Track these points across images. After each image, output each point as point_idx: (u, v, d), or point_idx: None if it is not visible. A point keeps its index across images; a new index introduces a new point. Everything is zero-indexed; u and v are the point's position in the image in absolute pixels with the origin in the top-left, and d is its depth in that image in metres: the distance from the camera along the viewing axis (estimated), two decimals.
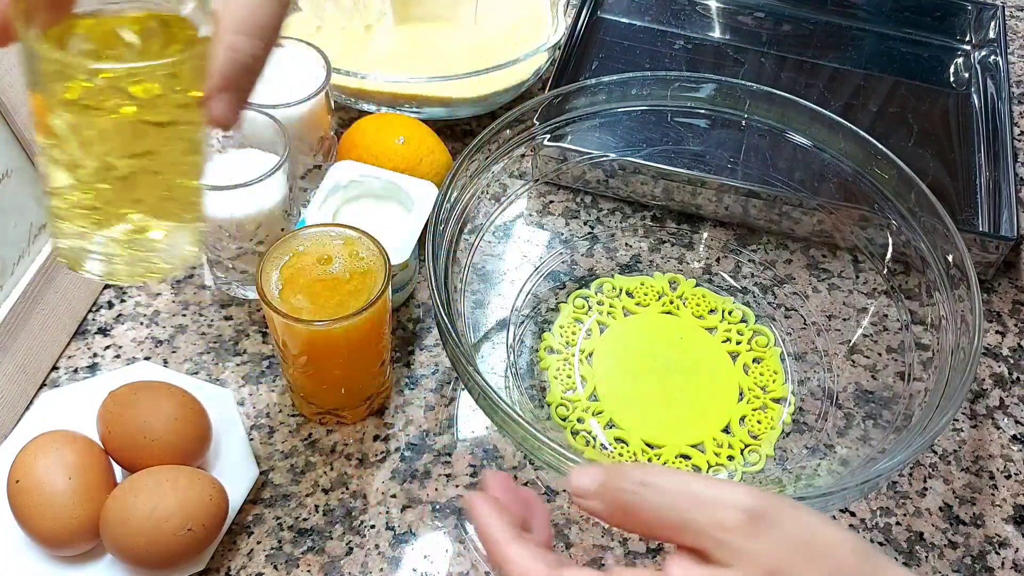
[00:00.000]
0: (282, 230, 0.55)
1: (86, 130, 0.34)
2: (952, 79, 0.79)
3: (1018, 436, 0.56)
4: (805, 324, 0.60)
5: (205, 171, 0.39)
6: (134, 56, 0.35)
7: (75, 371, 0.55)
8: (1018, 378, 0.59)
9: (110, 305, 0.59)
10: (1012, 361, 0.60)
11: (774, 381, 0.57)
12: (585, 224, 0.66)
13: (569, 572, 0.30)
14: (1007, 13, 0.87)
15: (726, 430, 0.55)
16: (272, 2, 0.33)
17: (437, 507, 0.51)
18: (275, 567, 0.48)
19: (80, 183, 0.36)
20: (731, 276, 0.63)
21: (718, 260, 0.64)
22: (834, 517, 0.52)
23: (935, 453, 0.55)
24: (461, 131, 0.72)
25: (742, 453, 0.54)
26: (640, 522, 0.30)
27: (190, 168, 0.38)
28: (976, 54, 0.81)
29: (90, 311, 0.58)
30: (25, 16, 0.32)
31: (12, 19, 0.32)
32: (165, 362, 0.56)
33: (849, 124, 0.57)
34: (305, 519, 0.50)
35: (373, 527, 0.50)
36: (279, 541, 0.49)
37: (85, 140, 0.34)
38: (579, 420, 0.55)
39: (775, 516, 0.29)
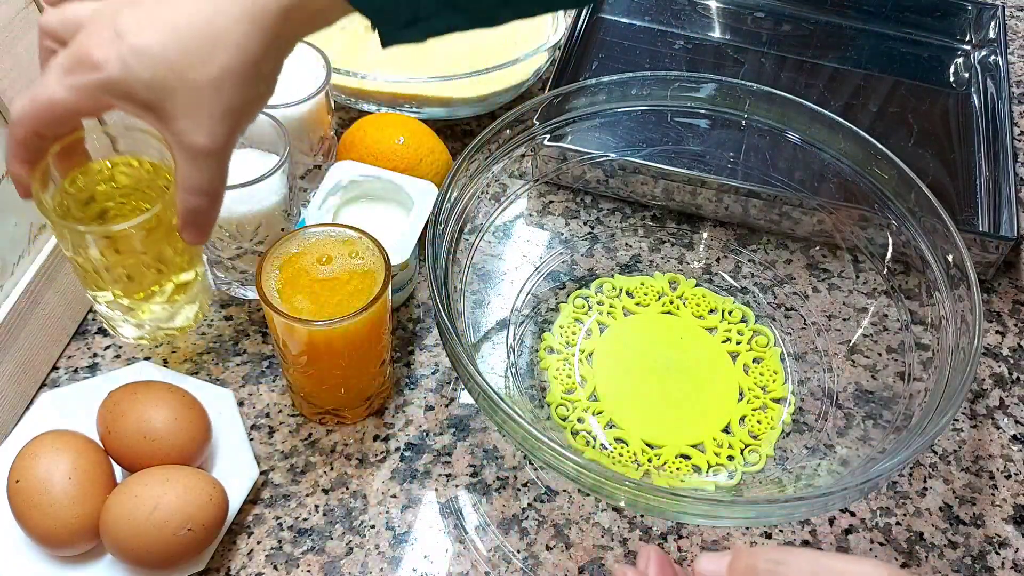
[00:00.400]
0: (282, 230, 0.55)
1: (94, 260, 0.47)
2: (952, 79, 0.79)
3: (1018, 436, 0.56)
4: (805, 324, 0.60)
5: (200, 259, 0.52)
6: (130, 197, 0.49)
7: (75, 371, 0.55)
8: (1018, 378, 0.59)
9: None
10: (1012, 361, 0.60)
11: (774, 381, 0.57)
12: (585, 224, 0.66)
13: None
14: (1007, 13, 0.87)
15: (726, 430, 0.55)
16: (208, 170, 0.39)
17: (437, 507, 0.51)
18: (275, 567, 0.48)
19: (98, 287, 0.49)
20: (731, 276, 0.63)
21: (718, 260, 0.64)
22: (834, 517, 0.52)
23: (935, 453, 0.55)
24: (461, 131, 0.72)
25: (742, 453, 0.54)
26: None
27: (186, 262, 0.50)
28: (976, 54, 0.81)
29: (90, 311, 0.58)
30: (41, 179, 0.44)
31: (29, 182, 0.43)
32: (165, 362, 0.56)
33: (849, 124, 0.57)
34: (305, 519, 0.50)
35: (373, 527, 0.50)
36: (279, 541, 0.49)
37: (96, 266, 0.48)
38: (579, 420, 0.55)
39: None
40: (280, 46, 0.38)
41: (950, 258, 0.52)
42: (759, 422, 0.55)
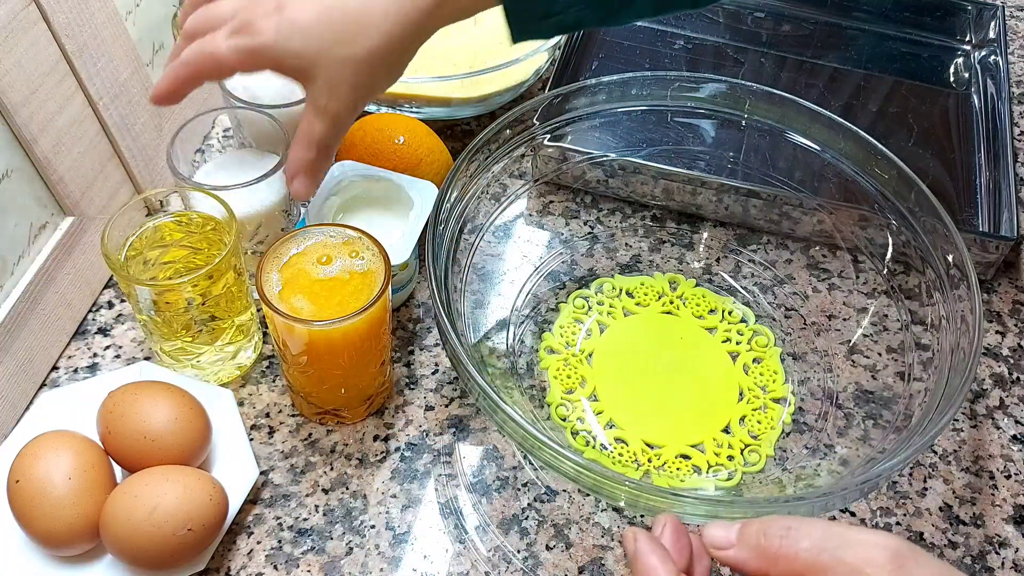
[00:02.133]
0: (282, 230, 0.55)
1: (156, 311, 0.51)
2: (952, 79, 0.79)
3: (1018, 436, 0.56)
4: (805, 324, 0.60)
5: (252, 299, 0.54)
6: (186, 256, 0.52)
7: (75, 371, 0.55)
8: (1018, 378, 0.59)
9: (110, 305, 0.59)
10: (1012, 361, 0.60)
11: (774, 381, 0.57)
12: (585, 224, 0.66)
13: None
14: (1007, 13, 0.87)
15: (726, 430, 0.55)
16: (330, 128, 0.44)
17: (437, 507, 0.51)
18: (275, 567, 0.48)
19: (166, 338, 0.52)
20: (731, 276, 0.63)
21: (718, 260, 0.64)
22: (833, 517, 0.52)
23: (935, 453, 0.55)
24: (461, 131, 0.72)
25: (742, 453, 0.54)
26: (786, 566, 0.31)
27: (243, 305, 0.53)
28: (976, 54, 0.81)
29: (90, 311, 0.58)
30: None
31: (173, 98, 0.46)
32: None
33: (849, 124, 0.57)
34: (305, 519, 0.50)
35: (373, 527, 0.50)
36: (279, 541, 0.49)
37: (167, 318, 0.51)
38: (579, 420, 0.55)
39: (917, 557, 0.30)
40: (420, 36, 0.43)
41: (950, 258, 0.52)
42: (759, 422, 0.55)
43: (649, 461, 0.53)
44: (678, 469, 0.53)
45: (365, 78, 0.43)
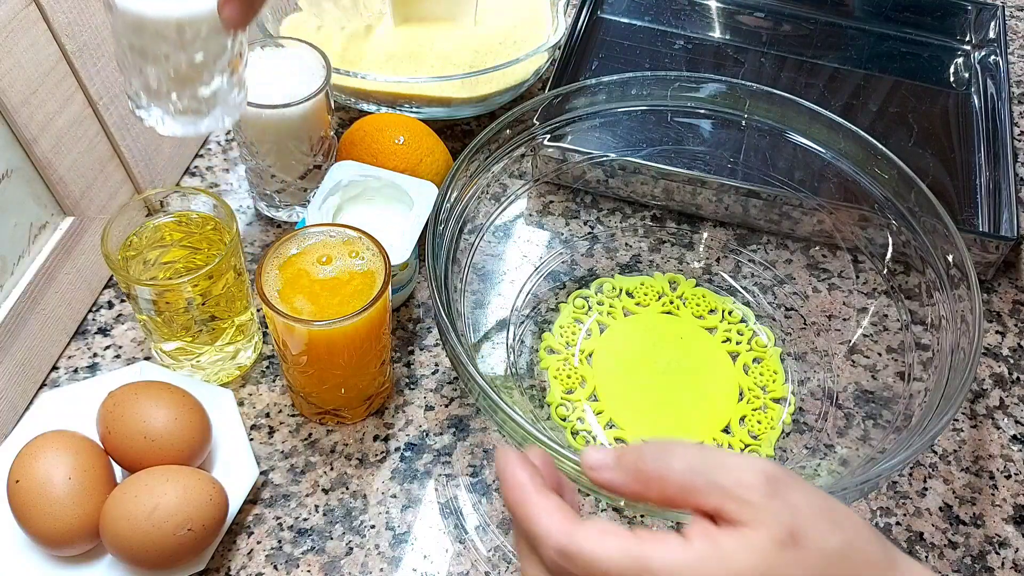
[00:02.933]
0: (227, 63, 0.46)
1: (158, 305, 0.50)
2: (952, 79, 0.79)
3: (1018, 436, 0.56)
4: (805, 324, 0.60)
5: (252, 299, 0.53)
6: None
7: (75, 371, 0.55)
8: (1018, 378, 0.59)
9: (110, 305, 0.59)
10: (1012, 361, 0.60)
11: (774, 381, 0.57)
12: (585, 224, 0.66)
13: (585, 532, 0.30)
14: (1007, 13, 0.87)
15: (726, 430, 0.55)
16: None
17: (437, 507, 0.51)
18: (275, 567, 0.48)
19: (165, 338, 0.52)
20: (731, 276, 0.63)
21: (718, 260, 0.64)
22: None
23: (935, 453, 0.55)
24: (461, 131, 0.72)
25: (742, 453, 0.54)
26: (659, 489, 0.31)
27: (243, 306, 0.53)
28: (976, 54, 0.81)
29: (90, 311, 0.58)
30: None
31: None
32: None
33: (849, 124, 0.57)
34: (305, 519, 0.50)
35: (373, 527, 0.50)
36: (279, 541, 0.49)
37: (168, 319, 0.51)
38: (579, 420, 0.55)
39: (793, 482, 0.30)
40: None
41: (950, 258, 0.52)
42: (759, 422, 0.55)
43: None
44: None
45: None
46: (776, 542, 0.29)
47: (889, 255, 0.57)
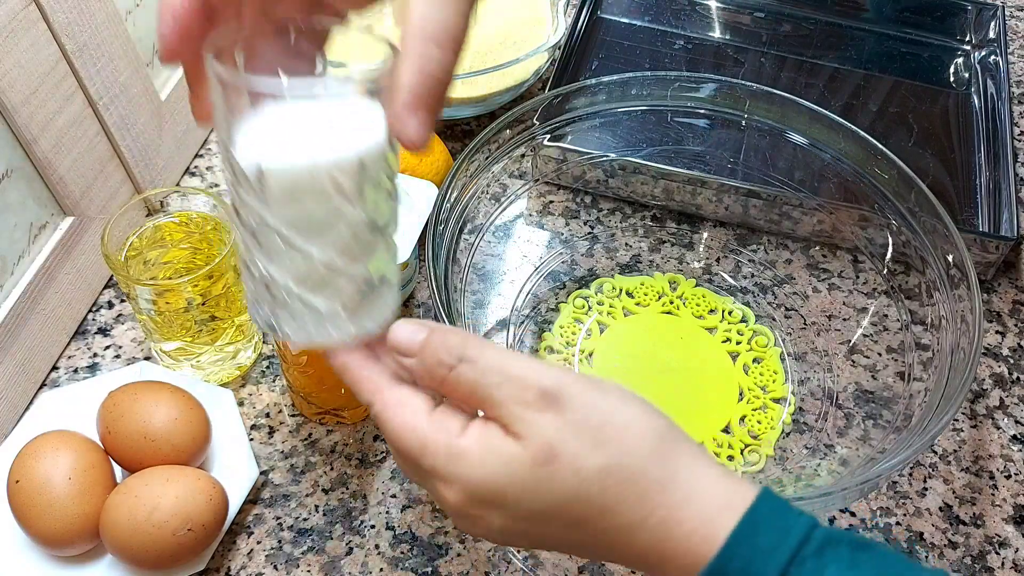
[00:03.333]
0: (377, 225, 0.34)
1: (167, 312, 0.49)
2: (952, 79, 0.79)
3: (1018, 436, 0.56)
4: (805, 324, 0.60)
5: None
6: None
7: (75, 371, 0.55)
8: (1018, 378, 0.59)
9: (110, 305, 0.59)
10: (1012, 361, 0.60)
11: (774, 381, 0.57)
12: (585, 224, 0.66)
13: (384, 398, 0.32)
14: (1007, 13, 0.87)
15: (726, 430, 0.55)
16: (458, 9, 0.30)
17: (437, 507, 0.51)
18: (275, 567, 0.48)
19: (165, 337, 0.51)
20: (731, 276, 0.63)
21: (718, 260, 0.64)
22: (833, 518, 0.52)
23: (935, 453, 0.55)
24: (461, 131, 0.72)
25: (742, 453, 0.54)
26: (452, 390, 0.32)
27: (242, 308, 0.51)
28: (976, 54, 0.81)
29: (90, 311, 0.58)
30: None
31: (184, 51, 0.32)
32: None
33: (849, 124, 0.57)
34: (305, 519, 0.50)
35: (373, 527, 0.50)
36: (279, 541, 0.49)
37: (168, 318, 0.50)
38: None
39: (569, 398, 0.30)
40: None
41: (950, 258, 0.52)
42: (759, 422, 0.55)
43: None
44: None
45: None
46: (532, 458, 0.30)
47: (889, 255, 0.57)
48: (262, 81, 0.30)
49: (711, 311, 0.61)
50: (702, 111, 0.62)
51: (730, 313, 0.61)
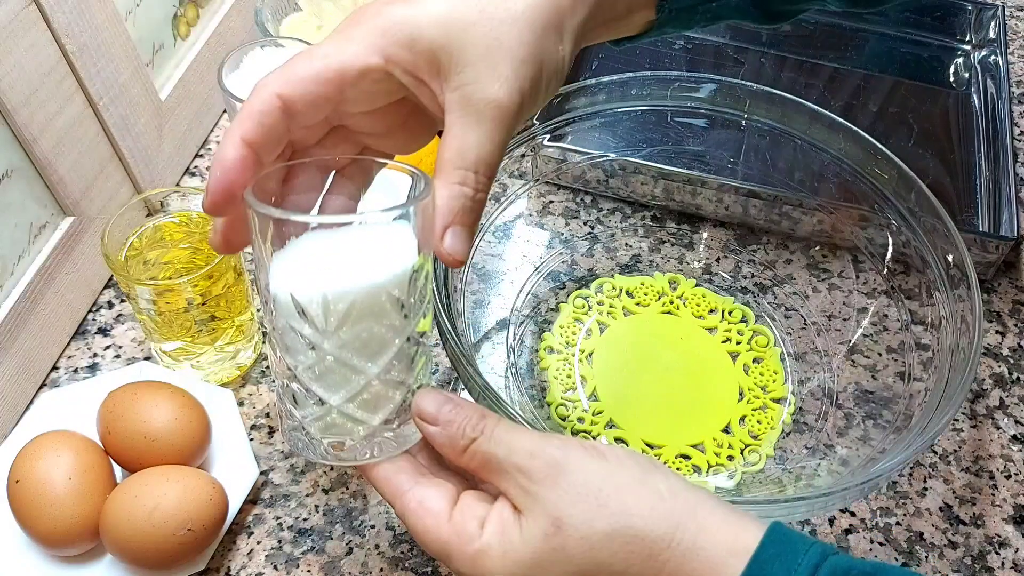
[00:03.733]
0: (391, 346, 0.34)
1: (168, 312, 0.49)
2: (952, 79, 0.79)
3: (1018, 436, 0.56)
4: (805, 324, 0.60)
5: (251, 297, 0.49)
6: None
7: (75, 371, 0.55)
8: (1018, 378, 0.59)
9: (110, 305, 0.59)
10: (1012, 361, 0.60)
11: (774, 381, 0.57)
12: (585, 224, 0.66)
13: (405, 502, 0.33)
14: (1007, 13, 0.87)
15: (726, 430, 0.55)
16: (494, 136, 0.32)
17: None
18: (275, 567, 0.48)
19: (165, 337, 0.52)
20: (731, 276, 0.63)
21: (718, 260, 0.64)
22: (833, 517, 0.52)
23: (935, 453, 0.55)
24: None
25: (742, 453, 0.54)
26: (467, 462, 0.34)
27: (243, 306, 0.52)
28: (976, 54, 0.81)
29: (90, 311, 0.58)
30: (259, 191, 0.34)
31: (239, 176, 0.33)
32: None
33: (849, 124, 0.57)
34: (305, 519, 0.50)
35: (373, 527, 0.50)
36: (279, 541, 0.49)
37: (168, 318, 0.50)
38: (579, 420, 0.55)
39: (570, 465, 0.32)
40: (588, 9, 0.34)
41: (950, 258, 0.52)
42: (759, 422, 0.55)
43: None
44: (678, 469, 0.53)
45: (530, 48, 0.31)
46: (543, 533, 0.31)
47: (889, 255, 0.57)
48: (302, 216, 0.32)
49: (711, 311, 0.61)
50: (702, 111, 0.62)
51: (730, 313, 0.61)
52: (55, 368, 0.55)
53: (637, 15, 0.38)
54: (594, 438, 0.54)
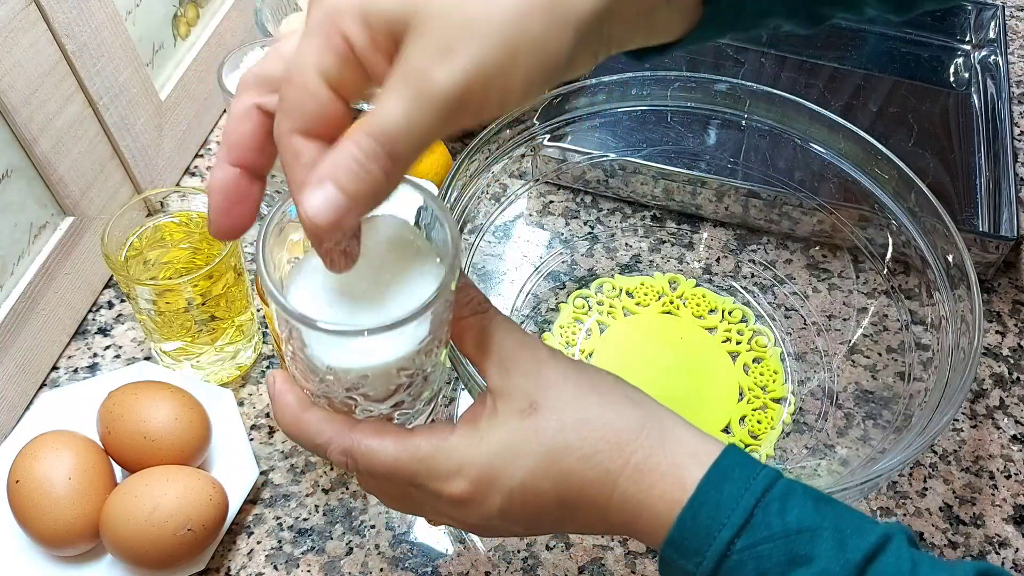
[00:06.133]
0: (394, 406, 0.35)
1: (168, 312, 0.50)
2: (952, 79, 0.79)
3: (1018, 436, 0.56)
4: (805, 324, 0.60)
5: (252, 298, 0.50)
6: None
7: (75, 371, 0.55)
8: (1018, 378, 0.59)
9: (110, 305, 0.59)
10: (1012, 361, 0.60)
11: (774, 381, 0.57)
12: (585, 224, 0.66)
13: (361, 429, 0.33)
14: (1007, 13, 0.87)
15: (726, 430, 0.55)
16: (416, 122, 0.27)
17: None
18: (275, 567, 0.48)
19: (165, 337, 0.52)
20: (731, 276, 0.63)
21: (718, 260, 0.64)
22: None
23: (935, 453, 0.55)
24: (461, 131, 0.72)
25: None
26: (468, 327, 0.35)
27: (243, 306, 0.52)
28: (976, 54, 0.81)
29: (90, 311, 0.58)
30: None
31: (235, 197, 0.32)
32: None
33: (849, 124, 0.57)
34: (305, 519, 0.50)
35: (373, 527, 0.50)
36: (279, 541, 0.49)
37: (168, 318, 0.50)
38: None
39: (552, 360, 0.34)
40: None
41: (950, 258, 0.52)
42: (759, 422, 0.55)
43: None
44: None
45: (502, 41, 0.27)
46: (518, 413, 0.32)
47: (889, 255, 0.57)
48: (328, 324, 0.30)
49: (711, 311, 0.61)
50: (702, 111, 0.62)
51: (730, 313, 0.61)
52: (55, 368, 0.55)
53: (675, 18, 0.33)
54: None
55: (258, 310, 0.56)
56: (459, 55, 0.26)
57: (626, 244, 0.65)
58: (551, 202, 0.67)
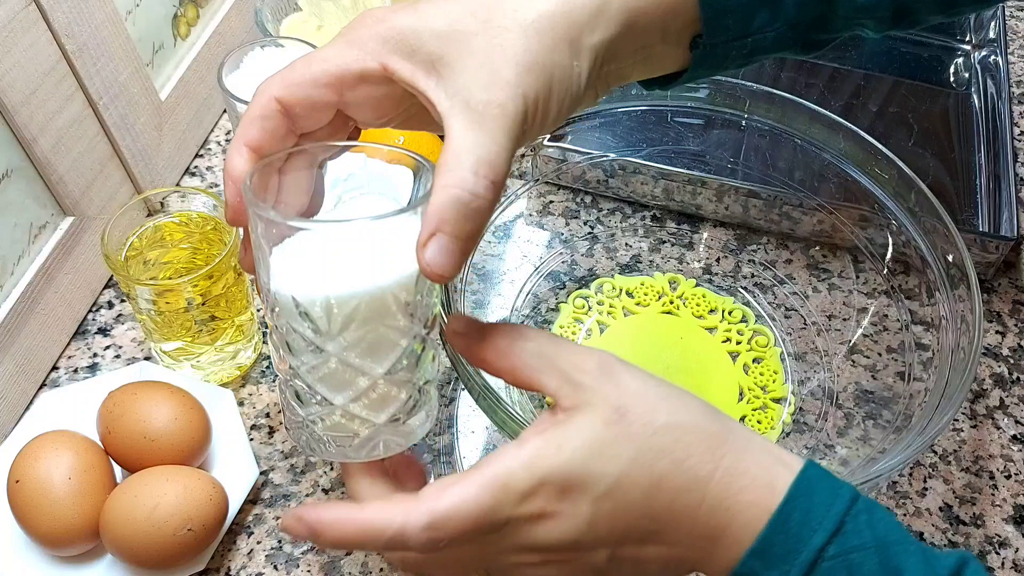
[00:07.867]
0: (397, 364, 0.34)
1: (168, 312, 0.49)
2: (952, 79, 0.79)
3: (1018, 436, 0.56)
4: (805, 324, 0.60)
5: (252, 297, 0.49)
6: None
7: (75, 371, 0.55)
8: (1018, 378, 0.59)
9: (110, 305, 0.59)
10: (1012, 361, 0.60)
11: (774, 381, 0.57)
12: (585, 224, 0.66)
13: (428, 498, 0.30)
14: (1007, 13, 0.87)
15: None
16: (499, 139, 0.30)
17: None
18: (275, 567, 0.48)
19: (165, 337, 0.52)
20: (731, 276, 0.63)
21: (718, 260, 0.64)
22: None
23: (935, 453, 0.55)
24: None
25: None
26: (509, 364, 0.33)
27: (244, 306, 0.52)
28: (976, 54, 0.81)
29: (90, 311, 0.58)
30: (259, 184, 0.34)
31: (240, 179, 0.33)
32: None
33: (849, 124, 0.57)
34: None
35: None
36: (279, 541, 0.49)
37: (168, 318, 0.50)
38: None
39: (626, 368, 0.33)
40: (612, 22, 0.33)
41: (950, 258, 0.52)
42: (759, 422, 0.55)
43: None
44: None
45: (538, 56, 0.30)
46: (604, 420, 0.31)
47: (889, 255, 0.57)
48: (303, 221, 0.31)
49: (711, 311, 0.61)
50: (702, 111, 0.62)
51: (730, 313, 0.61)
52: (55, 368, 0.55)
53: (671, 53, 0.36)
54: None
55: (258, 310, 0.56)
56: (512, 81, 0.30)
57: (626, 244, 0.65)
58: (551, 202, 0.67)
